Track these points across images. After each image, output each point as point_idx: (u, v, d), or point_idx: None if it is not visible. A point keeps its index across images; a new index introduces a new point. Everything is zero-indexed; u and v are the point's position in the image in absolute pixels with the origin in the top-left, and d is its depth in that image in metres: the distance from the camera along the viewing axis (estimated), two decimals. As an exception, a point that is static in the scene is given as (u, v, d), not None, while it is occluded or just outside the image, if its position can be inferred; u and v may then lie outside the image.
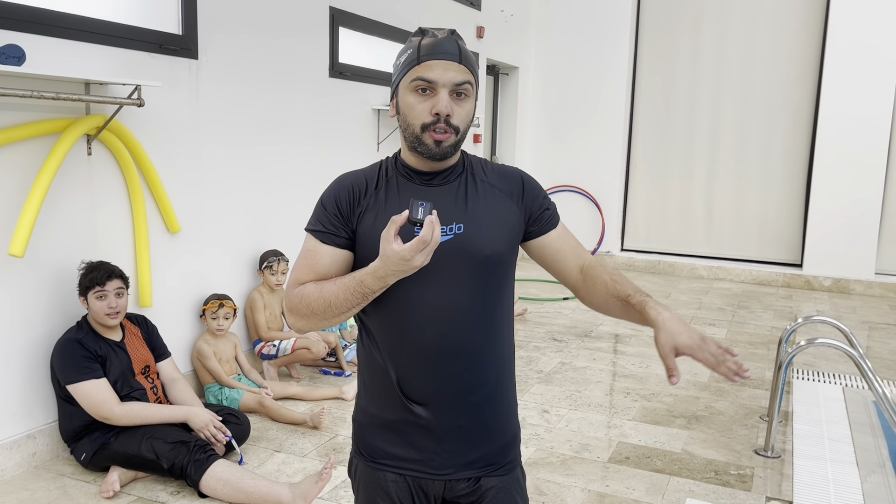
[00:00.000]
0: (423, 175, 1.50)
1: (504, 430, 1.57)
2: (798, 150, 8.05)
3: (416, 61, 1.42)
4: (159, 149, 3.77)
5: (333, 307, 1.40)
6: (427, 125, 1.42)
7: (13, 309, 3.15)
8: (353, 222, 1.48)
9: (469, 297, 1.47)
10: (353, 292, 1.38)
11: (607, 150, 8.65)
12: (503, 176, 1.57)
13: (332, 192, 1.51)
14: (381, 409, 1.52)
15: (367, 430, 1.56)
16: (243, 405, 3.86)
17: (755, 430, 3.87)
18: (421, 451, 1.50)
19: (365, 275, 1.36)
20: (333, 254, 1.47)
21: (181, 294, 4.00)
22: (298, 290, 1.46)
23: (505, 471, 1.56)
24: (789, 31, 7.93)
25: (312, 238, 1.49)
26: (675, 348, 1.39)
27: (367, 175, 1.52)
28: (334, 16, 5.09)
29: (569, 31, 8.65)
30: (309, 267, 1.48)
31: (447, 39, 1.43)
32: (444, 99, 1.40)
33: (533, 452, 3.53)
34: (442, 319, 1.46)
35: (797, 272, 7.95)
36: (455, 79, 1.41)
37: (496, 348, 1.54)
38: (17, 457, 3.19)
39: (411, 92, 1.43)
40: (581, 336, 5.68)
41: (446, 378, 1.48)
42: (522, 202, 1.57)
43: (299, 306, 1.44)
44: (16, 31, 3.02)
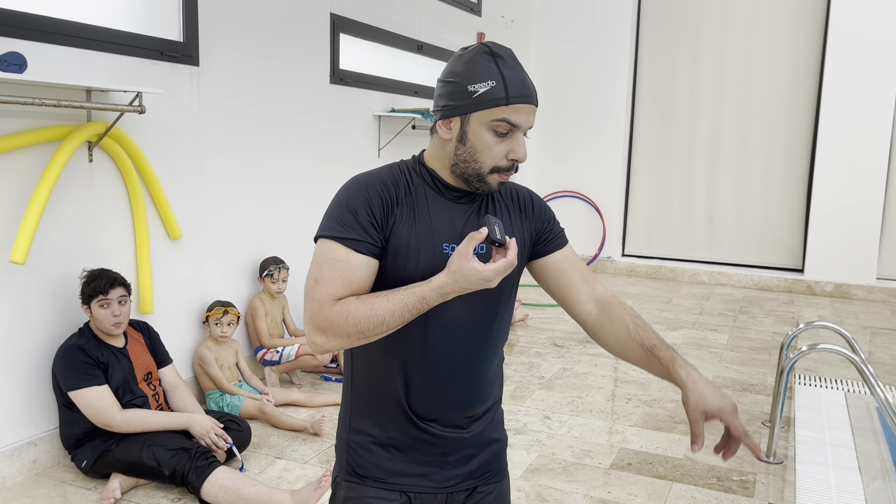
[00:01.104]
0: (453, 191, 1.44)
1: (499, 438, 1.59)
2: (799, 155, 8.05)
3: (506, 100, 1.33)
4: (160, 155, 3.77)
5: (386, 324, 1.30)
6: (499, 168, 1.37)
7: (14, 316, 3.15)
8: (387, 232, 1.37)
9: (486, 315, 1.46)
10: (412, 309, 1.30)
11: (608, 155, 8.66)
12: (515, 194, 1.55)
13: (360, 195, 1.37)
14: (383, 427, 1.47)
15: (365, 449, 1.49)
16: (244, 412, 3.85)
17: (757, 435, 3.86)
18: (424, 467, 1.48)
19: (428, 291, 1.29)
20: (370, 265, 1.35)
21: (182, 300, 4.00)
22: (342, 308, 1.31)
23: (499, 477, 1.58)
24: (790, 37, 7.94)
25: (341, 247, 1.34)
26: (706, 413, 1.34)
27: (391, 180, 1.41)
28: (335, 22, 5.11)
29: (569, 37, 8.66)
30: (343, 280, 1.33)
31: (524, 73, 1.37)
32: (523, 146, 1.37)
33: (535, 459, 3.52)
34: (462, 336, 1.44)
35: (798, 277, 7.94)
36: (532, 123, 1.38)
37: (498, 361, 1.55)
38: (18, 464, 3.19)
39: (489, 130, 1.35)
40: (582, 342, 5.67)
41: (459, 394, 1.46)
42: (531, 221, 1.54)
43: (343, 325, 1.30)
44: (17, 39, 3.03)
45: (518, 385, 4.60)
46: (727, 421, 1.35)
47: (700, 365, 5.11)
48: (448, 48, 6.77)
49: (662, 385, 4.65)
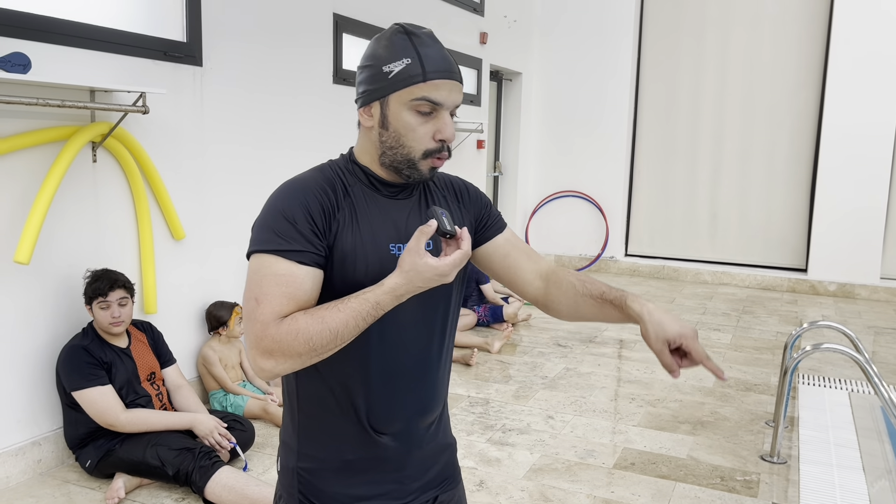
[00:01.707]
0: (389, 187, 1.37)
1: (450, 442, 1.54)
2: (802, 155, 8.04)
3: (423, 77, 1.26)
4: (164, 155, 3.78)
5: (340, 337, 1.21)
6: (430, 151, 1.30)
7: (18, 316, 3.15)
8: (330, 239, 1.28)
9: (439, 317, 1.40)
10: (366, 316, 1.21)
11: (611, 155, 8.65)
12: (449, 183, 1.50)
13: (297, 202, 1.27)
14: (336, 450, 1.37)
15: (318, 476, 1.38)
16: (248, 412, 3.86)
17: (761, 435, 3.86)
18: (383, 485, 1.40)
19: (382, 294, 1.20)
20: (315, 277, 1.25)
21: (186, 300, 4.01)
22: (289, 326, 1.20)
23: (454, 482, 1.54)
24: (793, 36, 7.93)
25: (282, 260, 1.23)
26: (668, 340, 1.30)
27: (326, 183, 1.32)
28: (338, 22, 5.11)
29: (572, 37, 8.66)
30: (288, 296, 1.22)
31: (442, 49, 1.30)
32: (450, 125, 1.29)
33: (538, 458, 3.52)
34: (413, 342, 1.37)
35: (802, 277, 7.93)
36: (457, 100, 1.31)
37: (447, 365, 1.48)
38: (23, 464, 3.19)
39: (410, 111, 1.28)
40: (585, 342, 5.67)
41: (411, 404, 1.40)
42: (468, 208, 1.49)
43: (294, 344, 1.20)
44: (21, 39, 3.03)
45: (521, 385, 4.60)
46: (688, 346, 1.31)
47: (703, 365, 5.10)
48: (451, 48, 6.77)
49: (666, 385, 4.65)
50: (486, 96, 7.66)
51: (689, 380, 4.77)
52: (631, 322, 1.37)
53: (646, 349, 5.48)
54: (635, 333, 5.94)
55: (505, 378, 4.73)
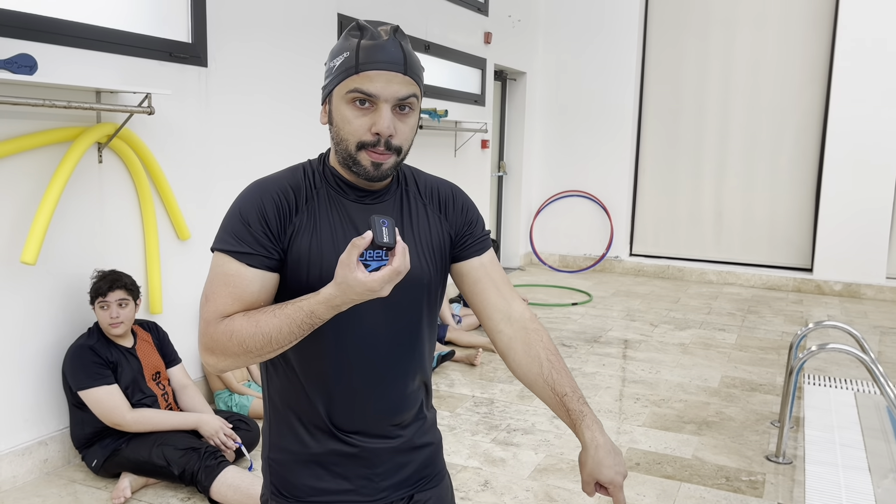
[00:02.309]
0: (357, 190, 1.34)
1: (430, 441, 1.50)
2: (808, 154, 8.02)
3: (355, 69, 1.24)
4: (169, 156, 3.79)
5: (274, 342, 1.20)
6: (365, 144, 1.26)
7: (25, 316, 3.17)
8: (285, 242, 1.27)
9: (405, 325, 1.37)
10: (300, 324, 1.19)
11: (615, 155, 8.64)
12: (434, 191, 1.44)
13: (253, 204, 1.28)
14: (304, 444, 1.38)
15: (287, 468, 1.39)
16: (253, 411, 3.87)
17: (766, 435, 3.85)
18: (353, 481, 1.39)
19: (316, 304, 1.17)
20: (263, 279, 1.26)
21: (191, 301, 4.02)
22: (226, 327, 1.22)
23: (436, 482, 1.51)
24: (798, 35, 7.91)
25: (233, 260, 1.25)
26: (597, 482, 1.38)
27: (290, 184, 1.31)
28: (342, 23, 5.12)
29: (576, 36, 8.65)
30: (233, 296, 1.24)
31: (391, 42, 1.25)
32: (386, 118, 1.24)
33: (543, 458, 3.52)
34: (379, 347, 1.34)
35: (807, 277, 7.91)
36: (399, 93, 1.25)
37: (423, 368, 1.45)
38: (29, 463, 3.21)
39: (347, 104, 1.26)
40: (590, 342, 5.67)
41: (381, 405, 1.37)
42: (449, 220, 1.43)
43: (228, 345, 1.22)
44: (27, 41, 3.05)
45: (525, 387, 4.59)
46: (613, 495, 1.39)
47: (709, 364, 5.10)
48: (456, 48, 6.77)
49: (671, 385, 4.65)
50: (491, 96, 7.67)
51: (693, 380, 4.76)
52: (577, 437, 1.43)
53: (650, 349, 5.48)
54: (640, 333, 5.94)
55: (510, 378, 4.73)
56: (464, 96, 7.04)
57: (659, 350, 5.46)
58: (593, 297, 7.34)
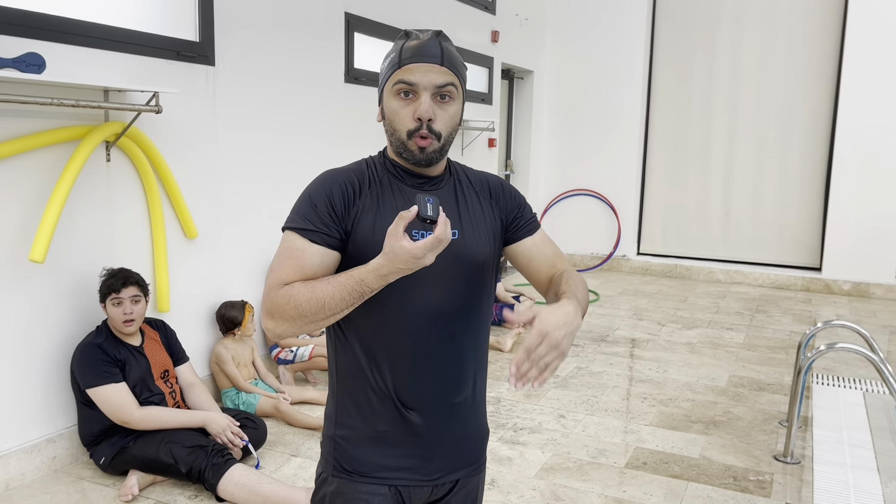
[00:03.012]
0: (415, 177, 1.48)
1: (481, 430, 1.60)
2: (816, 152, 7.98)
3: (398, 65, 1.40)
4: (176, 155, 3.80)
5: (327, 308, 1.32)
6: (412, 132, 1.40)
7: (33, 314, 3.18)
8: (349, 223, 1.42)
9: (462, 302, 1.47)
10: (352, 292, 1.31)
11: (623, 153, 8.62)
12: (484, 182, 1.58)
13: (323, 189, 1.43)
14: (370, 420, 1.48)
15: (352, 444, 1.49)
16: (260, 410, 3.88)
17: (774, 435, 3.84)
18: (412, 459, 1.49)
19: (366, 273, 1.30)
20: (324, 254, 1.40)
21: (198, 299, 4.03)
22: (285, 291, 1.36)
23: (478, 469, 1.60)
24: (807, 32, 7.87)
25: (299, 237, 1.40)
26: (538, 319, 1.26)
27: (356, 174, 1.47)
28: (349, 21, 5.12)
29: (584, 34, 8.63)
30: (296, 267, 1.38)
31: (430, 41, 1.41)
32: (425, 103, 1.38)
33: (549, 457, 3.52)
34: (436, 323, 1.45)
35: (816, 276, 7.87)
36: (437, 81, 1.39)
37: (479, 350, 1.55)
38: (38, 460, 3.22)
39: (394, 96, 1.41)
40: (597, 341, 5.65)
41: (437, 382, 1.48)
42: (500, 206, 1.57)
43: (286, 308, 1.34)
44: (35, 40, 3.06)
45: (533, 384, 4.58)
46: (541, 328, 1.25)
47: (716, 364, 5.09)
48: (463, 47, 6.77)
49: (678, 384, 4.63)
50: (498, 95, 7.66)
51: (701, 379, 4.75)
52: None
53: (658, 349, 5.46)
54: (648, 332, 5.92)
55: (516, 377, 4.72)
56: (471, 95, 7.03)
57: (666, 349, 5.45)
58: (601, 296, 7.32)
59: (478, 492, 1.61)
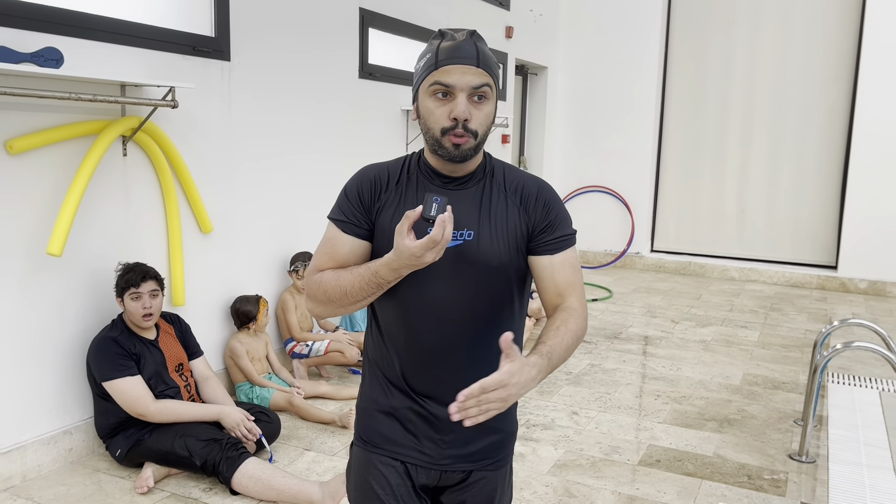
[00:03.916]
0: (443, 177, 1.52)
1: (502, 428, 1.60)
2: (833, 150, 7.91)
3: (435, 66, 1.43)
4: (192, 149, 3.82)
5: (349, 295, 1.43)
6: (446, 130, 1.43)
7: (51, 308, 3.21)
8: (373, 215, 1.51)
9: (474, 302, 1.49)
10: (368, 282, 1.41)
11: (637, 150, 8.58)
12: (521, 185, 1.54)
13: (355, 182, 1.54)
14: (386, 396, 1.56)
15: (369, 415, 1.59)
16: (273, 404, 3.89)
17: (789, 434, 3.81)
18: (421, 441, 1.55)
19: (379, 266, 1.38)
20: (353, 243, 1.50)
21: (213, 293, 4.05)
22: (317, 277, 1.49)
23: (496, 466, 1.61)
24: (824, 30, 7.80)
25: (334, 227, 1.52)
26: (506, 367, 1.26)
27: (390, 169, 1.54)
28: (364, 17, 5.12)
29: (598, 31, 8.59)
30: (329, 255, 1.51)
31: (466, 42, 1.43)
32: (461, 104, 1.41)
33: (562, 454, 3.51)
34: (444, 320, 1.49)
35: (832, 274, 7.81)
36: (473, 82, 1.42)
37: (490, 347, 1.51)
38: (54, 452, 3.25)
39: (430, 96, 1.44)
40: (610, 338, 5.64)
41: (446, 375, 1.51)
42: (529, 213, 1.51)
43: (317, 293, 1.48)
44: (54, 35, 3.08)
45: (545, 381, 4.58)
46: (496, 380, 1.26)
47: (730, 362, 5.06)
48: (476, 42, 6.75)
49: (692, 382, 4.61)
50: (512, 91, 7.64)
51: (715, 377, 4.72)
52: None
53: (671, 346, 5.44)
54: (661, 330, 5.90)
55: (529, 373, 4.72)
56: (485, 91, 7.01)
57: (680, 347, 5.42)
58: (614, 294, 7.30)
59: (496, 487, 1.61)
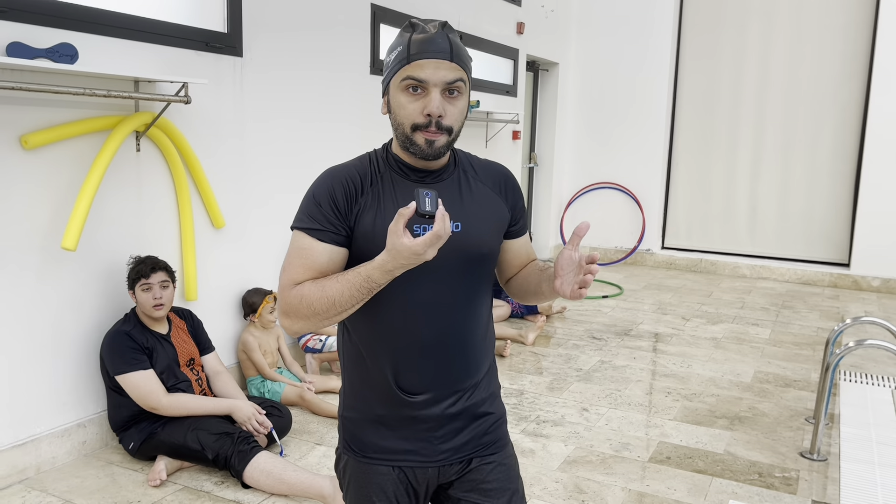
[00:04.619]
0: (417, 172, 1.48)
1: (492, 413, 1.60)
2: (846, 147, 7.85)
3: (407, 59, 1.39)
4: (205, 145, 3.84)
5: (338, 305, 1.36)
6: (418, 126, 1.40)
7: (64, 301, 3.24)
8: (351, 220, 1.44)
9: (463, 293, 1.49)
10: (360, 288, 1.35)
11: (648, 147, 8.55)
12: (490, 172, 1.58)
13: (325, 187, 1.45)
14: (371, 404, 1.52)
15: (357, 426, 1.55)
16: (285, 398, 3.91)
17: (800, 432, 3.80)
18: (413, 442, 1.52)
19: (371, 270, 1.33)
20: (332, 252, 1.43)
21: (225, 288, 4.07)
22: (297, 291, 1.40)
23: (495, 449, 1.60)
24: (838, 26, 7.74)
25: (306, 236, 1.42)
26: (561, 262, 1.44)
27: (358, 170, 1.47)
28: (375, 12, 5.12)
29: (610, 27, 8.56)
30: (305, 266, 1.42)
31: (438, 35, 1.39)
32: (435, 100, 1.38)
33: (572, 450, 3.51)
34: (437, 314, 1.47)
35: (844, 272, 7.76)
36: (447, 77, 1.38)
37: (484, 338, 1.57)
38: (68, 445, 3.28)
39: (402, 91, 1.40)
40: (621, 334, 5.63)
41: (439, 370, 1.49)
42: (506, 199, 1.58)
43: (299, 307, 1.39)
44: (68, 30, 3.10)
45: (555, 377, 4.58)
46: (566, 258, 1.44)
47: (741, 359, 5.04)
48: (488, 38, 6.74)
49: (702, 379, 4.60)
50: (523, 87, 7.62)
51: (726, 375, 4.71)
52: (549, 284, 1.50)
53: (682, 343, 5.43)
54: (672, 327, 5.88)
55: (539, 370, 4.72)
56: (495, 87, 7.01)
57: (690, 344, 5.41)
58: (624, 290, 7.29)
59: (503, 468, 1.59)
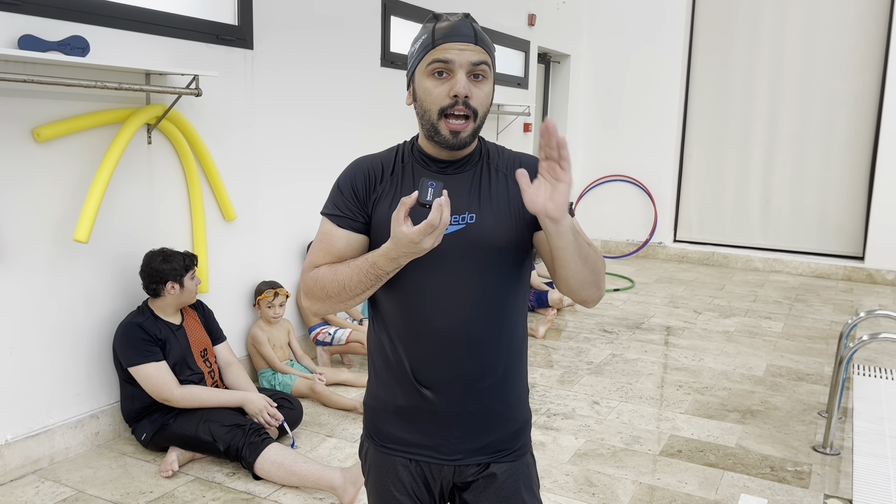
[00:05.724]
0: (438, 163, 1.49)
1: (514, 417, 1.56)
2: (861, 140, 7.78)
3: (432, 45, 1.40)
4: (215, 138, 3.84)
5: (347, 289, 1.40)
6: (445, 108, 1.40)
7: (78, 294, 3.26)
8: (369, 207, 1.47)
9: (478, 287, 1.46)
10: (367, 274, 1.38)
11: (660, 139, 8.50)
12: (517, 163, 1.54)
13: (348, 176, 1.51)
14: (392, 395, 1.53)
15: (378, 415, 1.56)
16: (296, 390, 3.93)
17: (813, 426, 3.78)
18: (431, 437, 1.51)
19: (377, 256, 1.36)
20: (349, 238, 1.47)
21: (236, 280, 4.08)
22: (314, 274, 1.46)
23: (514, 457, 1.56)
24: (853, 17, 7.65)
25: (328, 222, 1.49)
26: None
27: (383, 160, 1.51)
28: (386, 5, 5.11)
29: (622, 18, 8.50)
30: (325, 251, 1.48)
31: (462, 22, 1.42)
32: (461, 80, 1.39)
33: (583, 444, 3.51)
34: (449, 307, 1.45)
35: (858, 265, 7.70)
36: (472, 58, 1.40)
37: (504, 338, 1.52)
38: (81, 436, 3.31)
39: (428, 76, 1.41)
40: (632, 328, 5.61)
41: (452, 364, 1.47)
42: None
43: (314, 289, 1.45)
44: (80, 23, 3.11)
45: (566, 370, 4.58)
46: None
47: (754, 353, 5.01)
48: (500, 31, 6.72)
49: (714, 373, 4.58)
50: (534, 79, 7.59)
51: (738, 368, 4.68)
52: (551, 230, 1.31)
53: (693, 336, 5.40)
54: (684, 320, 5.86)
55: (549, 363, 4.72)
56: (507, 79, 6.99)
57: (702, 337, 5.38)
58: (636, 283, 7.26)
59: (519, 478, 1.56)
